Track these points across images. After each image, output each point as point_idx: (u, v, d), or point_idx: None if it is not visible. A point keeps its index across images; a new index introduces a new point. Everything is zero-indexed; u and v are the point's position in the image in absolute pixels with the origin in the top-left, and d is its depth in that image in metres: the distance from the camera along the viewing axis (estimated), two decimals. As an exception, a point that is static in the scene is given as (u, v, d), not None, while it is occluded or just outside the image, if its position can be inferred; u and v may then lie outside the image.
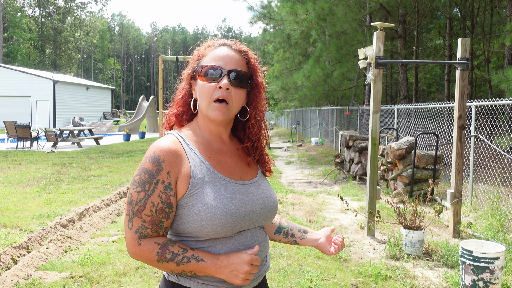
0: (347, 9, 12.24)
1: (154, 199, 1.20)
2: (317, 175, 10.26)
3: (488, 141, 6.42)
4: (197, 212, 1.21)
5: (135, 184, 1.21)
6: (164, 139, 1.27)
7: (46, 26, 63.29)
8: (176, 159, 1.23)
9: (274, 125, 39.99)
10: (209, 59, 1.32)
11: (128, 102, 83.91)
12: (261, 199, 1.34)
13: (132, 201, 1.21)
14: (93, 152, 14.34)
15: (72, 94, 34.48)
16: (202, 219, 1.21)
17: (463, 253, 3.57)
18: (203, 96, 1.30)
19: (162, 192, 1.20)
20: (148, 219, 1.20)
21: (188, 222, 1.23)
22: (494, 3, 19.26)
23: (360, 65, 5.27)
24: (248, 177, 1.37)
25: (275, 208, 1.39)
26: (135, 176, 1.23)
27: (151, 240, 1.21)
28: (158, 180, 1.20)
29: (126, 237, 1.23)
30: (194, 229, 1.23)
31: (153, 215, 1.20)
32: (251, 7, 18.32)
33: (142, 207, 1.20)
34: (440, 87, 34.88)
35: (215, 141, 1.35)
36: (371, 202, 5.22)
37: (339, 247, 1.56)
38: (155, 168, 1.20)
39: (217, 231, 1.21)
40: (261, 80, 1.40)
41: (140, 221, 1.20)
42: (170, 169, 1.22)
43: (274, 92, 16.58)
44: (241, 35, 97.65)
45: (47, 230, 4.94)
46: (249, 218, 1.28)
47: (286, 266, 4.13)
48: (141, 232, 1.21)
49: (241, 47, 1.37)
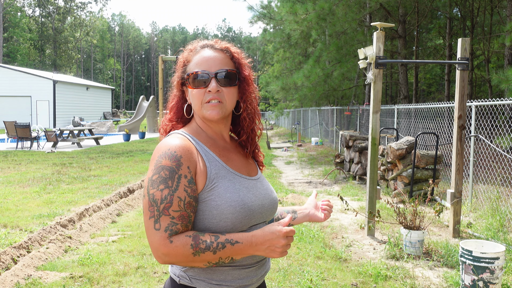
0: (347, 9, 12.24)
1: (181, 194, 1.17)
2: (317, 175, 10.26)
3: (488, 141, 6.42)
4: (216, 207, 1.22)
5: (155, 183, 1.17)
6: (173, 138, 1.26)
7: (46, 26, 63.28)
8: (192, 155, 1.23)
9: (274, 125, 39.98)
10: (193, 64, 1.33)
11: (128, 102, 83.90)
12: (267, 194, 1.37)
13: (156, 201, 1.16)
14: (93, 152, 14.34)
15: (72, 94, 34.48)
16: (222, 213, 1.21)
17: (463, 253, 3.57)
18: (196, 101, 1.32)
19: (187, 186, 1.19)
20: (177, 215, 1.16)
21: (206, 218, 1.22)
22: (494, 3, 19.26)
23: (360, 65, 5.27)
24: (252, 173, 1.40)
25: (277, 204, 1.43)
26: (152, 176, 1.18)
27: (182, 235, 1.17)
28: (180, 175, 1.18)
29: (154, 241, 1.15)
30: (212, 224, 1.22)
31: (181, 210, 1.17)
32: (251, 7, 18.33)
33: (169, 203, 1.16)
34: (440, 87, 34.88)
35: (219, 139, 1.38)
36: (371, 202, 5.22)
37: (328, 211, 1.60)
38: (174, 164, 1.18)
39: (236, 225, 1.22)
40: (247, 73, 1.39)
41: (168, 219, 1.16)
42: (189, 163, 1.21)
43: (274, 92, 16.59)
44: (241, 35, 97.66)
45: (47, 230, 4.94)
46: (260, 212, 1.30)
47: (286, 266, 4.13)
48: (171, 229, 1.15)
49: (222, 45, 1.37)
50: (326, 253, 4.55)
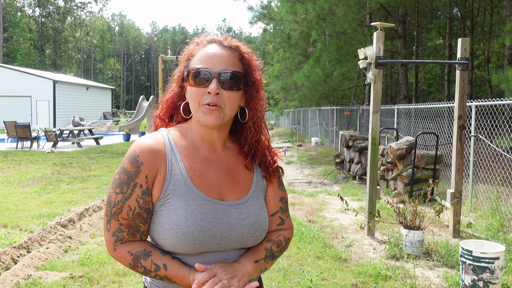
0: (347, 9, 12.23)
1: (131, 203, 1.14)
2: (317, 175, 10.26)
3: (488, 141, 6.42)
4: (161, 224, 1.15)
5: (114, 184, 1.16)
6: (149, 137, 1.20)
7: (46, 26, 63.28)
8: (155, 163, 1.15)
9: (274, 125, 39.98)
10: (196, 60, 1.20)
11: (128, 102, 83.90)
12: (240, 225, 1.19)
13: (110, 202, 1.16)
14: (93, 152, 14.34)
15: (72, 94, 34.48)
16: (164, 232, 1.14)
17: (463, 253, 3.57)
18: (192, 101, 1.19)
19: (140, 197, 1.14)
20: (124, 223, 1.15)
21: (153, 229, 1.18)
22: (494, 3, 19.25)
23: (360, 65, 5.27)
24: (231, 196, 1.22)
25: (259, 236, 1.23)
26: (115, 174, 1.17)
27: (125, 248, 1.16)
28: (136, 183, 1.14)
29: (105, 238, 1.19)
30: (157, 238, 1.18)
31: (129, 219, 1.15)
32: (251, 7, 18.30)
33: (119, 209, 1.14)
34: (440, 87, 34.87)
35: (205, 148, 1.23)
36: (371, 202, 5.22)
37: None
38: (133, 170, 1.14)
39: (177, 248, 1.14)
40: (258, 77, 1.25)
41: (117, 224, 1.15)
42: (148, 172, 1.14)
43: (274, 92, 16.59)
44: (241, 35, 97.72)
45: (47, 230, 4.94)
46: (218, 243, 1.16)
47: (286, 266, 4.13)
48: (118, 235, 1.16)
49: (232, 43, 1.23)
50: (326, 253, 4.55)
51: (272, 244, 1.28)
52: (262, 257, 1.24)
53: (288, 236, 1.34)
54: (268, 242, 1.28)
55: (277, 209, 1.32)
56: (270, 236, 1.31)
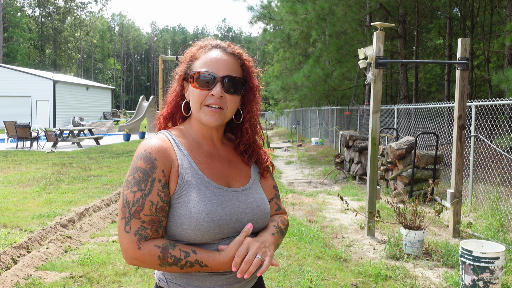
0: (347, 9, 12.23)
1: (153, 198, 1.15)
2: (317, 175, 10.26)
3: (488, 141, 6.42)
4: (180, 215, 1.18)
5: (129, 184, 1.16)
6: (154, 138, 1.25)
7: (46, 26, 63.28)
8: (167, 158, 1.20)
9: (274, 125, 39.98)
10: (201, 63, 1.28)
11: (128, 102, 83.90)
12: (250, 208, 1.28)
13: (128, 203, 1.15)
14: (93, 152, 14.34)
15: (72, 94, 34.48)
16: (184, 223, 1.17)
17: (463, 253, 3.57)
18: (195, 101, 1.26)
19: (161, 191, 1.17)
20: (147, 219, 1.15)
21: (170, 225, 1.19)
22: (494, 3, 19.26)
23: (360, 65, 5.27)
24: (237, 184, 1.32)
25: (266, 218, 1.33)
26: (128, 176, 1.18)
27: (151, 243, 1.15)
28: (154, 178, 1.16)
29: (124, 242, 1.15)
30: (176, 232, 1.19)
31: (152, 214, 1.15)
32: (251, 7, 18.31)
33: (140, 207, 1.14)
34: (440, 87, 34.87)
35: (206, 144, 1.32)
36: (371, 202, 5.22)
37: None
38: (148, 166, 1.17)
39: (198, 237, 1.18)
40: (256, 83, 1.36)
41: (139, 222, 1.14)
42: (163, 167, 1.19)
43: (274, 92, 16.58)
44: (241, 35, 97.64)
45: (47, 230, 4.94)
46: (233, 227, 1.23)
47: (286, 266, 4.13)
48: (141, 233, 1.14)
49: (235, 50, 1.32)
50: (326, 253, 4.55)
51: (277, 223, 1.39)
52: (275, 231, 1.35)
53: (287, 218, 1.47)
54: (273, 222, 1.39)
55: (272, 195, 1.44)
56: (272, 218, 1.42)
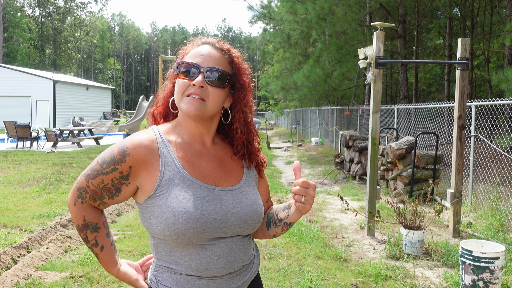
0: (347, 9, 12.24)
1: (106, 179, 1.21)
2: (317, 175, 10.26)
3: (488, 141, 6.43)
4: (161, 214, 1.18)
5: (101, 156, 1.23)
6: (143, 133, 1.25)
7: (46, 26, 63.27)
8: (144, 157, 1.21)
9: (274, 125, 39.98)
10: (188, 56, 1.28)
11: (128, 102, 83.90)
12: (237, 208, 1.24)
13: (92, 166, 1.24)
14: (93, 152, 14.34)
15: (72, 94, 34.48)
16: (165, 221, 1.17)
17: (463, 253, 3.57)
18: (178, 91, 1.25)
19: (116, 179, 1.21)
20: (91, 188, 1.23)
21: (154, 223, 1.20)
22: (494, 3, 19.26)
23: (360, 65, 5.27)
24: (226, 183, 1.28)
25: (256, 219, 1.28)
26: (107, 149, 1.25)
27: (82, 212, 1.26)
28: (117, 168, 1.20)
29: (72, 188, 1.28)
30: (159, 230, 1.19)
31: (97, 188, 1.23)
32: (251, 7, 18.33)
33: (93, 177, 1.22)
34: (440, 87, 34.88)
35: (195, 142, 1.30)
36: (371, 202, 5.22)
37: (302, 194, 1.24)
38: (118, 157, 1.20)
39: (180, 236, 1.17)
40: (247, 80, 1.32)
41: (85, 184, 1.23)
42: (133, 163, 1.20)
43: (274, 92, 16.60)
44: (241, 35, 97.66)
45: (47, 230, 4.94)
46: (218, 227, 1.20)
47: (286, 266, 4.13)
48: (81, 193, 1.25)
49: (223, 45, 1.30)
50: (326, 253, 4.55)
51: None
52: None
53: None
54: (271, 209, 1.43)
55: (267, 196, 1.47)
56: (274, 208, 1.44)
